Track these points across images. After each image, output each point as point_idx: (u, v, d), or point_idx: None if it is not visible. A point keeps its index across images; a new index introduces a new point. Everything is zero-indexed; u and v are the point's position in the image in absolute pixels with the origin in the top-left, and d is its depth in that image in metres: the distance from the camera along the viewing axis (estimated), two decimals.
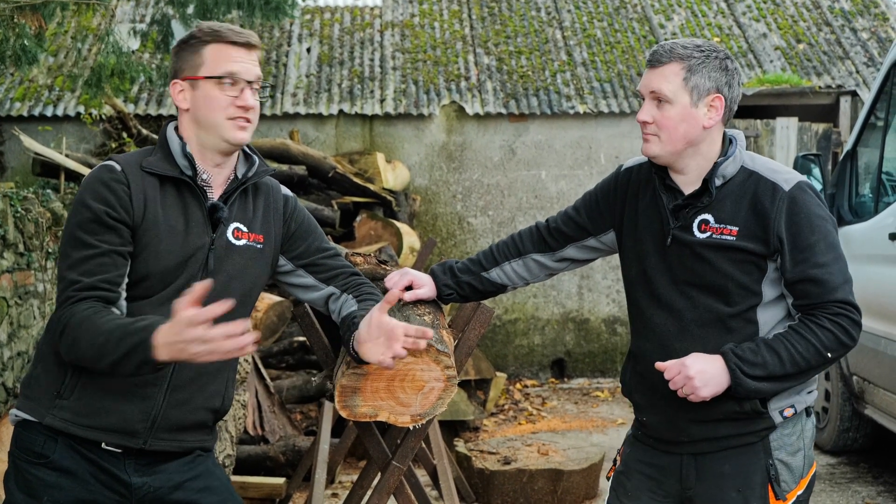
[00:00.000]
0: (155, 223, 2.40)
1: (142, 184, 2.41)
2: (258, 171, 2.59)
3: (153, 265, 2.39)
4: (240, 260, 2.52)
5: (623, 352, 10.21)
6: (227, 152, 2.51)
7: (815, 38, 11.24)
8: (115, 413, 2.40)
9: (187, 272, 2.43)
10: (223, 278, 2.48)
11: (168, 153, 2.48)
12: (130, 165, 2.44)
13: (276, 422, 6.22)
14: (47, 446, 2.41)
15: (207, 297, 2.40)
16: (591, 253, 2.93)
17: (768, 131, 10.06)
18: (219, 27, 2.49)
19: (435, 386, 2.63)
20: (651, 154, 2.60)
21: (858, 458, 6.75)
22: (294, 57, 10.84)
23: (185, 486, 2.50)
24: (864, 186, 6.42)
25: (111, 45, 7.62)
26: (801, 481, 2.65)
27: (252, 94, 2.48)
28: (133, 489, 2.44)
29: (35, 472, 2.41)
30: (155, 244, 2.40)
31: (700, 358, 2.51)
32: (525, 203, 10.25)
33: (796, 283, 2.52)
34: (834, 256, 2.53)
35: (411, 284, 2.89)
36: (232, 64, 2.45)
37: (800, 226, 2.51)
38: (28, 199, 6.45)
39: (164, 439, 2.46)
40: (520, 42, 11.11)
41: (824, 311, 2.50)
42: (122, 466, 2.43)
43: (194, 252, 2.44)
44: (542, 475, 5.76)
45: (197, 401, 2.49)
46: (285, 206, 2.67)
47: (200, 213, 2.47)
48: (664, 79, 2.55)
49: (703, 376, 2.49)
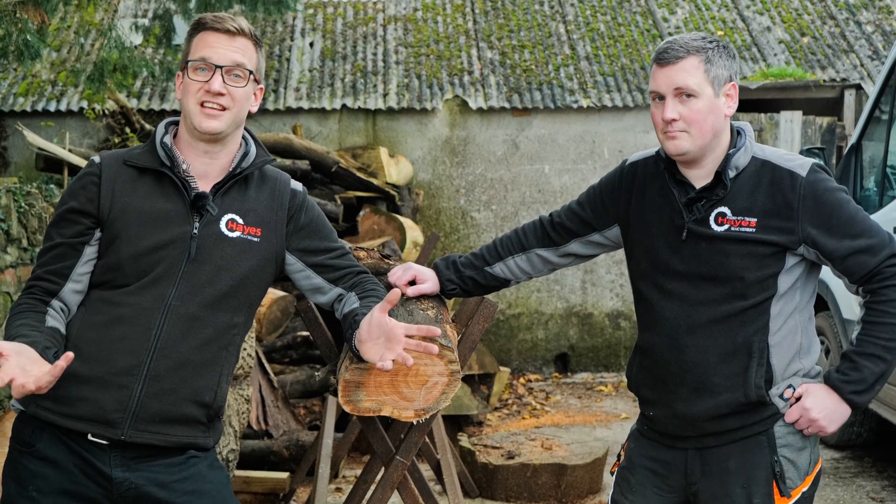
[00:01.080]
0: (124, 212, 2.44)
1: (114, 175, 2.47)
2: (254, 162, 2.57)
3: (124, 252, 2.42)
4: (231, 251, 2.49)
5: (627, 346, 10.21)
6: (204, 140, 2.49)
7: (819, 32, 11.21)
8: (90, 402, 2.36)
9: (167, 260, 2.43)
10: (210, 269, 2.46)
11: (153, 146, 2.52)
12: (112, 159, 2.51)
13: (280, 416, 6.22)
14: (34, 435, 2.40)
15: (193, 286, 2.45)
16: (595, 248, 2.91)
17: (772, 125, 10.04)
18: (204, 16, 2.52)
19: (438, 380, 2.62)
20: (682, 150, 2.57)
21: (863, 452, 6.74)
22: (297, 51, 10.82)
23: (172, 486, 2.42)
24: (868, 180, 6.41)
25: (114, 40, 7.62)
26: (806, 478, 2.65)
27: (230, 79, 2.46)
28: (114, 483, 2.38)
29: (23, 460, 2.41)
30: (125, 232, 2.42)
31: (815, 397, 2.58)
32: (528, 197, 10.24)
33: (846, 258, 2.54)
34: (865, 220, 2.57)
35: (414, 279, 2.89)
36: (206, 49, 2.46)
37: (828, 206, 2.54)
38: (31, 195, 6.45)
39: (147, 431, 2.39)
40: (523, 36, 11.09)
41: (882, 280, 2.53)
42: (107, 459, 2.38)
43: (172, 240, 2.43)
44: (545, 470, 5.75)
45: (182, 392, 2.41)
46: (292, 200, 2.63)
47: (182, 202, 2.47)
48: (687, 73, 2.54)
49: (826, 413, 2.57)
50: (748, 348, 2.57)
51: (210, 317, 2.45)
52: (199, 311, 2.43)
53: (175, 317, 2.41)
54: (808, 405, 2.58)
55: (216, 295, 2.46)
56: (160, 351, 2.39)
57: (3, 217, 5.81)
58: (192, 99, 2.46)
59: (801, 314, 2.63)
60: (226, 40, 2.47)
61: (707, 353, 2.60)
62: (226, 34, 2.48)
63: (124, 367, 2.36)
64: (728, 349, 2.58)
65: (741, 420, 2.61)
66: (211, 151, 2.52)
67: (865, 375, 2.53)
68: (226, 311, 2.49)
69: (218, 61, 2.45)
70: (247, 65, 2.50)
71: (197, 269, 2.45)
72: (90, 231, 2.44)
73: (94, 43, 10.45)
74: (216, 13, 2.53)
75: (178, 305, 2.41)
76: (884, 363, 2.53)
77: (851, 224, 2.54)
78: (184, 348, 2.41)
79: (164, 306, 2.40)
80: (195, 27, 2.51)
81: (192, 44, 2.50)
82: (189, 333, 2.42)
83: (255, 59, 2.53)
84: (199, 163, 2.52)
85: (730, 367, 2.59)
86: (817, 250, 2.55)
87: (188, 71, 2.47)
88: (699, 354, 2.60)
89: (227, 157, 2.54)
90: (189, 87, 2.47)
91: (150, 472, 2.41)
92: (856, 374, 2.54)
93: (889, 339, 2.52)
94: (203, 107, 2.45)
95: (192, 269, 2.44)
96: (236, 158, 2.56)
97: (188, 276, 2.43)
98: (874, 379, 2.54)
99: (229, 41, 2.48)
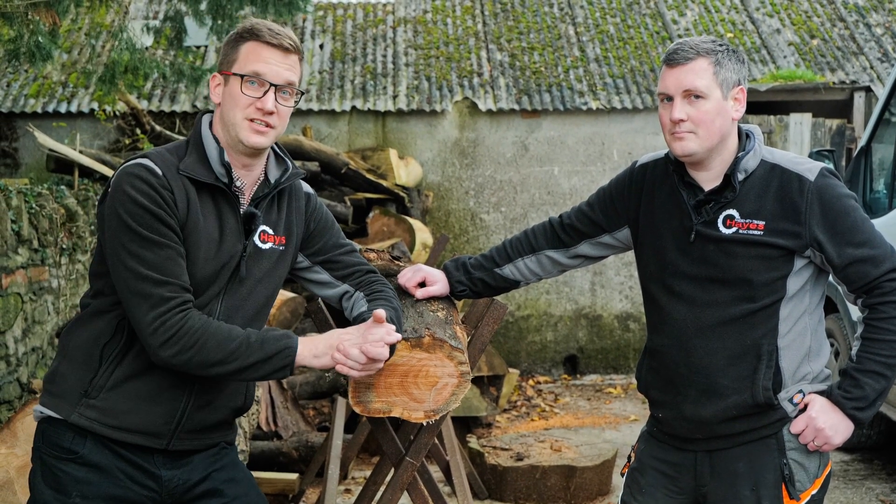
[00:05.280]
0: (195, 230, 2.36)
1: (182, 188, 2.35)
2: (290, 175, 2.54)
3: (192, 273, 2.35)
4: (266, 263, 2.50)
5: (636, 348, 10.20)
6: (246, 154, 2.44)
7: (828, 34, 11.20)
8: (140, 414, 2.39)
9: (220, 280, 2.41)
10: (251, 283, 2.47)
11: (203, 155, 2.41)
12: (168, 167, 2.36)
13: (290, 417, 6.23)
14: (76, 442, 2.39)
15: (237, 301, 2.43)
16: (605, 250, 2.92)
17: (782, 127, 10.02)
18: (260, 25, 2.41)
19: (448, 382, 2.63)
20: (689, 151, 2.57)
21: (872, 455, 6.73)
22: (307, 53, 10.84)
23: (212, 476, 2.51)
24: (878, 182, 6.40)
25: (125, 41, 7.65)
26: (815, 481, 2.65)
27: (276, 98, 2.39)
28: (164, 482, 2.44)
29: (64, 467, 2.40)
30: (194, 251, 2.36)
31: (821, 410, 2.59)
32: (538, 199, 10.24)
33: (846, 267, 2.54)
34: (870, 230, 2.57)
35: (424, 281, 2.90)
36: (261, 64, 2.37)
37: (834, 212, 2.54)
38: (42, 196, 6.47)
39: (188, 439, 2.47)
40: (532, 38, 11.09)
41: (881, 295, 2.54)
42: (152, 460, 2.43)
43: (228, 260, 2.42)
44: (554, 471, 5.76)
45: (220, 400, 2.50)
46: (307, 205, 2.63)
47: (234, 220, 2.43)
48: (696, 75, 2.55)
49: (832, 424, 2.58)
50: (757, 350, 2.58)
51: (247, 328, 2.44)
52: (241, 325, 2.43)
53: None
54: (814, 414, 2.58)
55: (256, 308, 2.50)
56: None
57: (14, 218, 5.83)
58: (240, 113, 2.38)
59: (810, 317, 2.64)
60: (281, 57, 2.40)
61: (716, 356, 2.60)
62: (281, 50, 2.40)
63: (174, 381, 2.39)
64: (737, 351, 2.59)
65: (750, 423, 2.62)
66: (249, 164, 2.47)
67: (867, 392, 2.55)
68: (259, 321, 2.54)
69: (273, 79, 2.38)
70: (297, 83, 2.45)
71: (240, 286, 2.45)
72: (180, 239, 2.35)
73: (104, 44, 10.48)
74: (271, 25, 2.42)
75: (224, 322, 2.39)
76: (885, 380, 2.55)
77: (855, 232, 2.54)
78: None
79: None
80: (246, 35, 2.41)
81: (242, 52, 2.40)
82: None
83: (300, 74, 2.48)
84: (240, 176, 2.47)
85: (738, 369, 2.59)
86: (823, 254, 2.55)
87: (240, 84, 2.38)
88: (708, 356, 2.61)
89: (260, 168, 2.51)
90: (239, 101, 2.38)
91: (192, 467, 2.49)
92: (858, 391, 2.55)
93: (889, 356, 2.54)
94: (251, 122, 2.39)
95: (236, 286, 2.44)
96: (272, 171, 2.53)
97: (232, 292, 2.44)
98: (875, 395, 2.55)
99: (284, 58, 2.40)
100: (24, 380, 5.92)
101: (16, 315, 5.85)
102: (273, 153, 2.55)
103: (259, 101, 2.37)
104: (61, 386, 2.42)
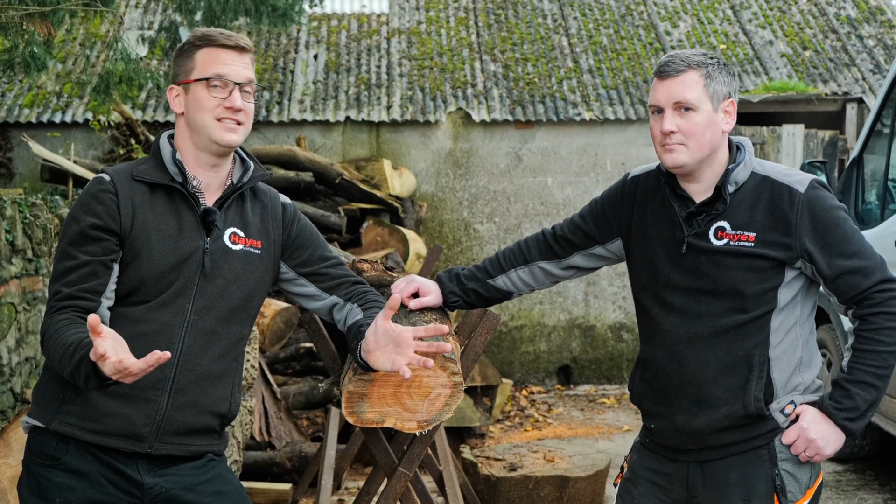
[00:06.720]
0: (144, 229, 2.45)
1: (130, 192, 2.47)
2: (253, 176, 2.62)
3: (146, 270, 2.44)
4: (237, 265, 2.55)
5: (629, 359, 10.21)
6: (218, 154, 2.54)
7: (821, 46, 11.24)
8: (119, 417, 2.42)
9: (184, 276, 2.47)
10: (221, 282, 2.52)
11: (160, 161, 2.54)
12: (120, 175, 2.50)
13: (283, 427, 6.23)
14: (59, 448, 2.43)
15: (208, 300, 2.49)
16: (598, 261, 2.93)
17: (774, 138, 10.06)
18: (210, 32, 2.54)
19: (441, 392, 2.63)
20: (679, 163, 2.59)
21: (865, 465, 6.74)
22: (301, 64, 10.87)
23: (198, 489, 2.52)
24: (870, 193, 6.42)
25: (119, 51, 7.65)
26: (807, 491, 2.66)
27: (242, 95, 2.51)
28: (145, 489, 2.46)
29: (46, 473, 2.44)
30: (147, 250, 2.44)
31: (813, 420, 2.59)
32: (531, 210, 10.26)
33: (837, 278, 2.56)
34: (860, 241, 2.59)
35: (417, 291, 2.90)
36: (220, 66, 2.50)
37: (824, 224, 2.55)
38: (36, 206, 6.47)
39: (172, 443, 2.48)
40: (526, 49, 11.13)
41: (872, 306, 2.55)
42: (135, 466, 2.45)
43: (188, 256, 2.48)
44: (547, 482, 5.76)
45: (202, 404, 2.51)
46: (284, 213, 2.70)
47: (193, 217, 2.51)
48: (686, 87, 2.57)
49: (823, 434, 2.58)
50: (748, 361, 2.59)
51: (224, 330, 2.53)
52: (216, 325, 2.51)
53: (195, 331, 2.48)
54: (805, 425, 2.59)
55: (229, 308, 2.53)
56: (183, 364, 2.46)
57: (8, 228, 5.83)
58: (209, 115, 2.49)
59: (801, 327, 2.65)
60: (237, 57, 2.52)
61: (707, 366, 2.62)
62: (237, 51, 2.53)
63: (150, 381, 2.40)
64: (728, 362, 2.60)
65: (742, 434, 2.63)
66: (218, 165, 2.57)
67: (858, 403, 2.56)
68: (237, 324, 2.57)
69: (235, 78, 2.50)
70: (255, 80, 2.56)
71: (209, 284, 2.50)
72: (118, 248, 2.45)
73: (99, 55, 10.49)
74: (222, 30, 2.56)
75: (197, 320, 2.48)
76: (875, 391, 2.56)
77: (845, 243, 2.56)
78: (204, 361, 2.49)
79: (185, 321, 2.47)
80: (199, 42, 2.53)
81: (199, 58, 2.52)
82: (208, 347, 2.50)
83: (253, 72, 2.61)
84: (203, 176, 2.56)
85: (730, 380, 2.60)
86: (813, 266, 2.57)
87: (205, 88, 2.50)
88: (699, 367, 2.62)
89: (227, 169, 2.60)
90: (206, 103, 2.49)
91: (177, 476, 2.50)
92: (849, 402, 2.56)
93: (880, 366, 2.55)
94: (220, 121, 2.49)
95: (205, 284, 2.50)
96: (235, 173, 2.62)
97: (202, 290, 2.49)
98: (867, 406, 2.56)
99: (240, 57, 2.53)
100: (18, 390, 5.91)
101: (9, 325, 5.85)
102: (238, 156, 2.64)
103: (227, 100, 2.49)
104: (43, 396, 2.49)
